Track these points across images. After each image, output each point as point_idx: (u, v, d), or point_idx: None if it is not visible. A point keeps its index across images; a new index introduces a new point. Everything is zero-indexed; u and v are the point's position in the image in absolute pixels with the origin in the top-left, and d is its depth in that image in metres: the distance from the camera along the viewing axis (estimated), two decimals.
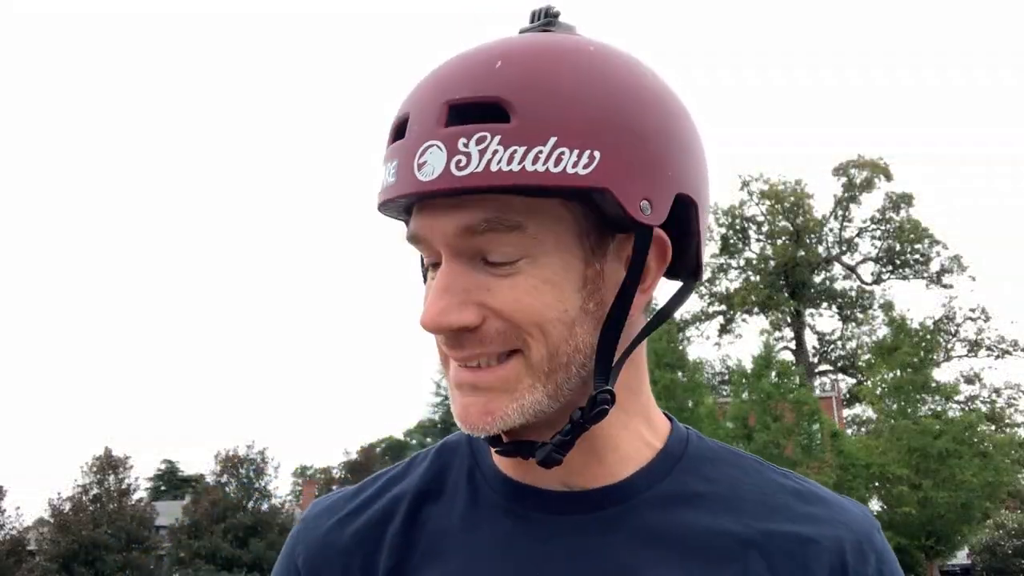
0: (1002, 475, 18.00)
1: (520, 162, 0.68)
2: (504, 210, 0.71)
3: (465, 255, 0.72)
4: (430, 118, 0.71)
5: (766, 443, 17.99)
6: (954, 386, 20.55)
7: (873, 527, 0.81)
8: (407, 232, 0.76)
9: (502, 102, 0.70)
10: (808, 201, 32.74)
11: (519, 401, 0.73)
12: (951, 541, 18.68)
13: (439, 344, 0.76)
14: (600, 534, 0.76)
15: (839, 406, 30.78)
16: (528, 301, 0.72)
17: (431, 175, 0.69)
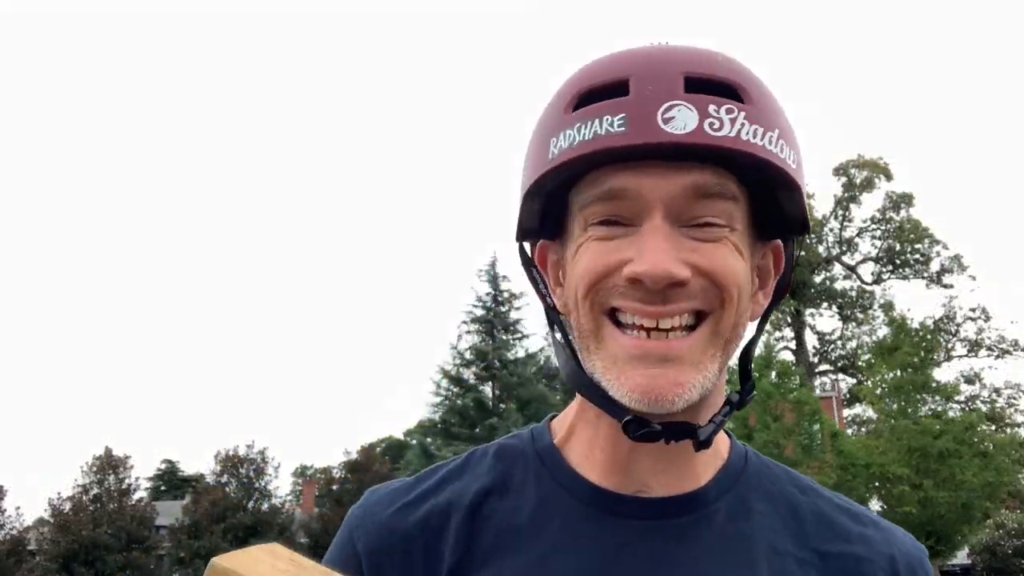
0: (1003, 475, 17.99)
1: (761, 139, 0.74)
2: (725, 179, 0.75)
3: (673, 218, 0.74)
4: (666, 83, 0.74)
5: (766, 443, 17.97)
6: (955, 386, 20.53)
7: (923, 554, 0.84)
8: (603, 189, 0.75)
9: (737, 86, 0.76)
10: (808, 201, 32.62)
11: (703, 373, 0.75)
12: (951, 541, 18.65)
13: (624, 305, 0.75)
14: (674, 541, 0.78)
15: (839, 406, 30.78)
16: (732, 263, 0.75)
17: (683, 129, 0.72)
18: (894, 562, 0.81)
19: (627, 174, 0.74)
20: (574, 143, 0.75)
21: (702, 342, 0.75)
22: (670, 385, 0.73)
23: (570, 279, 0.80)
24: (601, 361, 0.76)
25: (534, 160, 0.80)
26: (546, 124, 0.80)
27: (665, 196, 0.73)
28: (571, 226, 0.81)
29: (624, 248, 0.74)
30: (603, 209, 0.76)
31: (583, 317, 0.77)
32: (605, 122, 0.73)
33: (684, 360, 0.73)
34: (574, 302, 0.78)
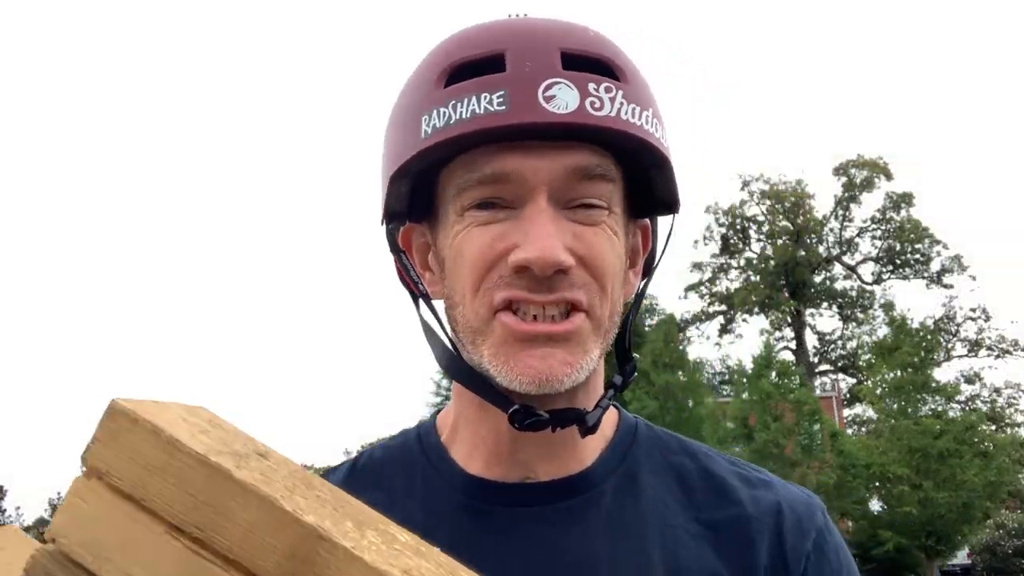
0: (1003, 475, 18.00)
1: (639, 119, 0.73)
2: (605, 161, 0.74)
3: (556, 200, 0.72)
4: (544, 59, 0.72)
5: (766, 443, 17.99)
6: (955, 386, 20.55)
7: (815, 506, 0.82)
8: (484, 173, 0.73)
9: (611, 63, 0.75)
10: (808, 201, 32.76)
11: (589, 355, 0.74)
12: (951, 541, 18.67)
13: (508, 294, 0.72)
14: (561, 524, 0.77)
15: (839, 406, 30.82)
16: (607, 250, 0.74)
17: (565, 109, 0.70)
18: (779, 513, 0.79)
19: (507, 155, 0.71)
20: (450, 122, 0.71)
21: (584, 326, 0.73)
22: (560, 365, 0.71)
23: (453, 271, 0.76)
24: (488, 349, 0.73)
25: (402, 139, 0.76)
26: (414, 100, 0.75)
27: (548, 178, 0.71)
28: (443, 208, 0.78)
29: (508, 233, 0.72)
30: (482, 192, 0.73)
31: (471, 313, 0.74)
32: (483, 100, 0.70)
33: (570, 341, 0.72)
34: (461, 296, 0.75)
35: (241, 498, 0.51)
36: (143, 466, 0.53)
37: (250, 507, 0.51)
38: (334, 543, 0.50)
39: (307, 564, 0.50)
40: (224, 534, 0.51)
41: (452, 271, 0.77)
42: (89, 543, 0.52)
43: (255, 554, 0.51)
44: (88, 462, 0.54)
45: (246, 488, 0.52)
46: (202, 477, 0.52)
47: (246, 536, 0.51)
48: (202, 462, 0.52)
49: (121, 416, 0.53)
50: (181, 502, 0.52)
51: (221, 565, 0.51)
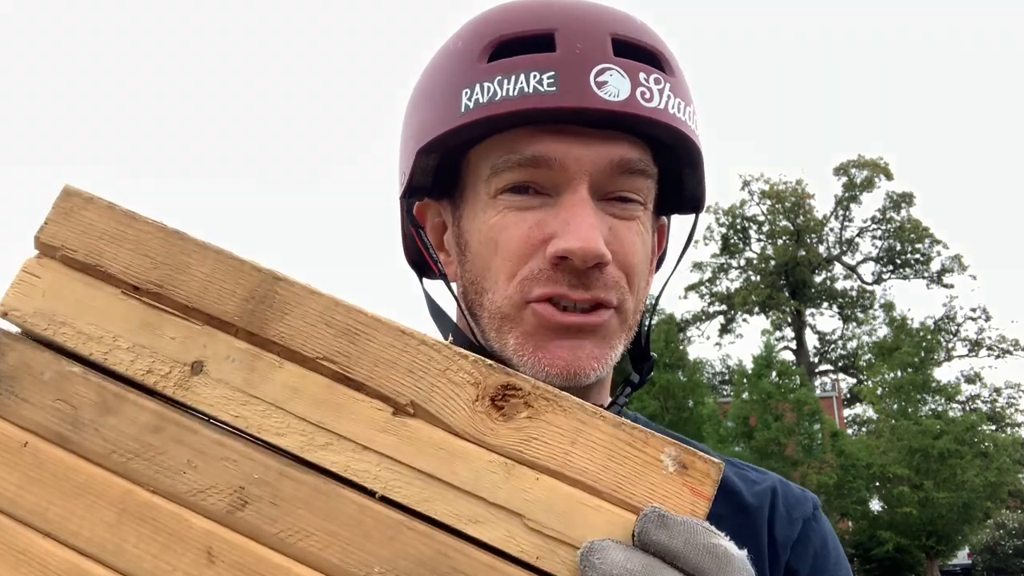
0: (1003, 475, 17.98)
1: (683, 114, 0.72)
2: (646, 156, 0.73)
3: (595, 191, 0.70)
4: (595, 43, 0.70)
5: (767, 443, 17.97)
6: (955, 386, 20.52)
7: (808, 499, 0.82)
8: (525, 155, 0.69)
9: (659, 55, 0.73)
10: (809, 201, 32.74)
11: (614, 350, 0.73)
12: (952, 541, 18.64)
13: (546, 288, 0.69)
14: None
15: (840, 406, 30.78)
16: (640, 248, 0.73)
17: (616, 96, 0.68)
18: (773, 506, 0.80)
19: (551, 139, 0.69)
20: (495, 98, 0.68)
21: (612, 321, 0.72)
22: (587, 358, 0.70)
23: (482, 256, 0.73)
24: (516, 337, 0.71)
25: (435, 112, 0.72)
26: (454, 70, 0.72)
27: (591, 168, 0.69)
28: (471, 189, 0.74)
29: (546, 222, 0.69)
30: (520, 176, 0.70)
31: (502, 300, 0.71)
32: (532, 79, 0.67)
33: (597, 334, 0.71)
34: (492, 282, 0.72)
35: (199, 254, 0.55)
36: (98, 236, 0.55)
37: (208, 260, 0.54)
38: (291, 281, 0.54)
39: (266, 302, 0.53)
40: (183, 287, 0.54)
41: (481, 255, 0.73)
42: (42, 312, 0.54)
43: (215, 300, 0.54)
44: (40, 241, 0.56)
45: (204, 245, 0.55)
46: (159, 240, 0.55)
47: (205, 286, 0.54)
48: (160, 228, 0.55)
49: (75, 196, 0.57)
50: (138, 264, 0.55)
51: (180, 313, 0.54)
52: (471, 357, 0.51)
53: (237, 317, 0.53)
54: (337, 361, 0.52)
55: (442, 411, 0.51)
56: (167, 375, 0.52)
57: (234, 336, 0.53)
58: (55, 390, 0.52)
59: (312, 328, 0.52)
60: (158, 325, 0.54)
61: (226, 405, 0.52)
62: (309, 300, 0.53)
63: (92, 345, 0.53)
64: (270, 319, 0.53)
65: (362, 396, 0.52)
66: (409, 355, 0.52)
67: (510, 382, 0.51)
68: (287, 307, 0.53)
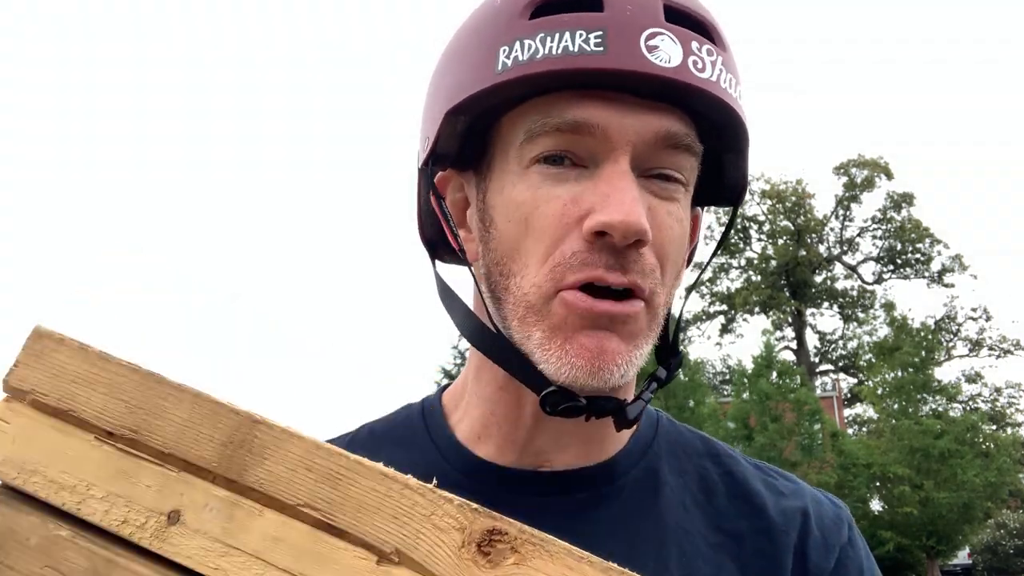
0: (1004, 475, 17.98)
1: (734, 89, 0.68)
2: (693, 133, 0.68)
3: (636, 164, 0.66)
4: (647, 6, 0.65)
5: (765, 444, 17.97)
6: (956, 386, 20.53)
7: (843, 520, 0.77)
8: (565, 120, 0.65)
9: (713, 28, 0.69)
10: (809, 200, 32.75)
11: (641, 349, 0.67)
12: (952, 541, 18.66)
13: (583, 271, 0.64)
14: (575, 517, 0.72)
15: (840, 406, 30.79)
16: (677, 233, 0.69)
17: (668, 62, 0.63)
18: (805, 527, 0.74)
19: (594, 104, 0.64)
20: (537, 56, 0.63)
21: (643, 315, 0.66)
22: (613, 353, 0.64)
23: (511, 234, 0.67)
24: (542, 332, 0.65)
25: (469, 71, 0.67)
26: (491, 28, 0.67)
27: (635, 138, 0.64)
28: (500, 158, 0.69)
29: (583, 196, 0.64)
30: (557, 142, 0.65)
31: (530, 286, 0.66)
32: (579, 37, 0.63)
33: (627, 328, 0.65)
34: (521, 265, 0.67)
35: (175, 397, 0.53)
36: (71, 380, 0.54)
37: (184, 404, 0.53)
38: (270, 424, 0.52)
39: (245, 447, 0.52)
40: (159, 432, 0.53)
41: (509, 234, 0.67)
42: (13, 460, 0.52)
43: (192, 445, 0.52)
44: (9, 384, 0.55)
45: (180, 388, 0.53)
46: (134, 383, 0.54)
47: (181, 431, 0.52)
48: (134, 370, 0.54)
49: (46, 337, 0.55)
50: (113, 409, 0.53)
51: (156, 460, 0.52)
52: (456, 501, 0.50)
53: (215, 463, 0.52)
54: (319, 508, 0.50)
55: (428, 559, 0.49)
56: (143, 525, 0.51)
57: (212, 483, 0.52)
58: (43, 556, 0.50)
59: (292, 473, 0.51)
60: (134, 472, 0.52)
61: (205, 557, 0.50)
62: (289, 444, 0.52)
63: (65, 495, 0.51)
64: (249, 464, 0.51)
65: (345, 544, 0.50)
66: (393, 500, 0.50)
67: (496, 527, 0.49)
68: (266, 451, 0.52)
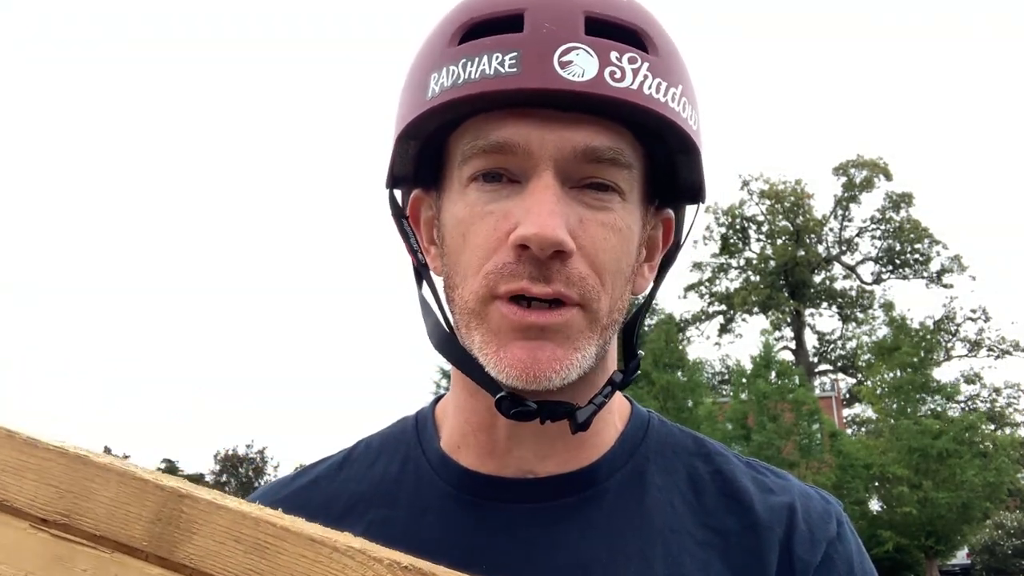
0: (1003, 475, 17.98)
1: (664, 95, 0.68)
2: (623, 145, 0.69)
3: (564, 177, 0.68)
4: (565, 22, 0.66)
5: (763, 444, 17.96)
6: (955, 386, 20.54)
7: (831, 514, 0.77)
8: (490, 140, 0.68)
9: (642, 33, 0.70)
10: (808, 201, 32.76)
11: (581, 352, 0.69)
12: (951, 541, 18.65)
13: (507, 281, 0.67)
14: (554, 524, 0.73)
15: (839, 406, 30.81)
16: (614, 243, 0.69)
17: (581, 76, 0.65)
18: (791, 522, 0.74)
19: (516, 123, 0.67)
20: (458, 82, 0.67)
21: (579, 319, 0.68)
22: (548, 360, 0.67)
23: (454, 249, 0.72)
24: (481, 335, 0.69)
25: (410, 98, 0.72)
26: (426, 57, 0.71)
27: (556, 154, 0.67)
28: (448, 178, 0.73)
29: (511, 212, 0.67)
30: (487, 163, 0.68)
31: (468, 295, 0.69)
32: (494, 60, 0.65)
33: (561, 334, 0.67)
34: (461, 277, 0.71)
35: (102, 478, 0.53)
36: (1, 469, 0.54)
37: (111, 484, 0.53)
38: (196, 498, 0.52)
39: (173, 523, 0.52)
40: (89, 514, 0.53)
41: (454, 248, 0.72)
42: None
43: (122, 525, 0.52)
44: None
45: (107, 468, 0.54)
46: (61, 467, 0.54)
47: (111, 512, 0.53)
48: (61, 453, 0.54)
49: None
50: (44, 495, 0.54)
51: (89, 543, 0.53)
52: (385, 561, 0.50)
53: (145, 542, 0.52)
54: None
55: None
56: None
57: (145, 561, 0.52)
58: None
59: (221, 546, 0.51)
60: (69, 558, 0.52)
61: None
62: (215, 516, 0.52)
63: None
64: (179, 541, 0.51)
65: None
66: (322, 565, 0.50)
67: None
68: (194, 526, 0.52)
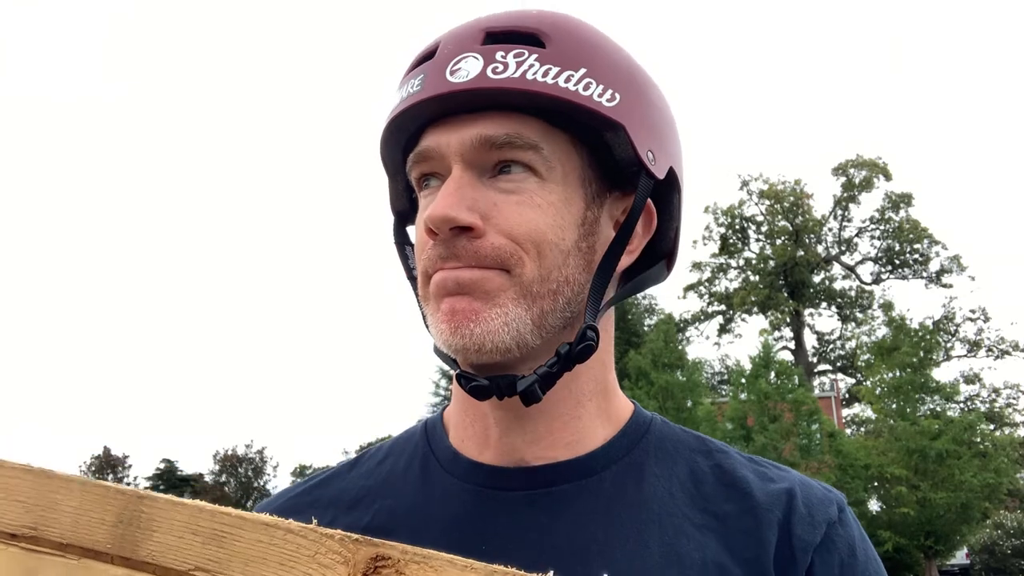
0: (1002, 476, 17.98)
1: (554, 78, 0.72)
2: (523, 129, 0.73)
3: (477, 169, 0.73)
4: (465, 40, 0.74)
5: (763, 445, 17.95)
6: (954, 386, 20.52)
7: (831, 499, 0.78)
8: (415, 152, 0.76)
9: (540, 34, 0.74)
10: (807, 201, 32.77)
11: (504, 310, 0.71)
12: (950, 541, 18.65)
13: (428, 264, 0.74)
14: (552, 508, 0.75)
15: (838, 406, 30.82)
16: (532, 216, 0.73)
17: (465, 78, 0.71)
18: (790, 504, 0.76)
19: (433, 133, 0.75)
20: (393, 107, 0.77)
21: (500, 281, 0.72)
22: (466, 311, 0.71)
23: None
24: (428, 310, 0.76)
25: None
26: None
27: (459, 149, 0.73)
28: None
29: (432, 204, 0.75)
30: (420, 170, 0.77)
31: (422, 287, 0.77)
32: (410, 85, 0.75)
33: (478, 289, 0.71)
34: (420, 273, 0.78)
35: (65, 489, 0.56)
36: None
37: (74, 494, 0.56)
38: (154, 497, 0.55)
39: (134, 523, 0.54)
40: (55, 525, 0.55)
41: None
42: None
43: (86, 532, 0.55)
44: None
45: (69, 479, 0.57)
46: (27, 484, 0.57)
47: (76, 520, 0.55)
48: (26, 470, 0.57)
49: None
50: (12, 511, 0.56)
51: (57, 552, 0.55)
52: (337, 536, 0.52)
53: (109, 544, 0.54)
54: (209, 569, 0.53)
55: None
56: None
57: (110, 563, 0.54)
58: None
59: (180, 540, 0.54)
60: (38, 569, 0.54)
61: None
62: (173, 512, 0.54)
63: None
64: (140, 540, 0.54)
65: None
66: (277, 547, 0.52)
67: (379, 552, 0.51)
68: (154, 524, 0.54)
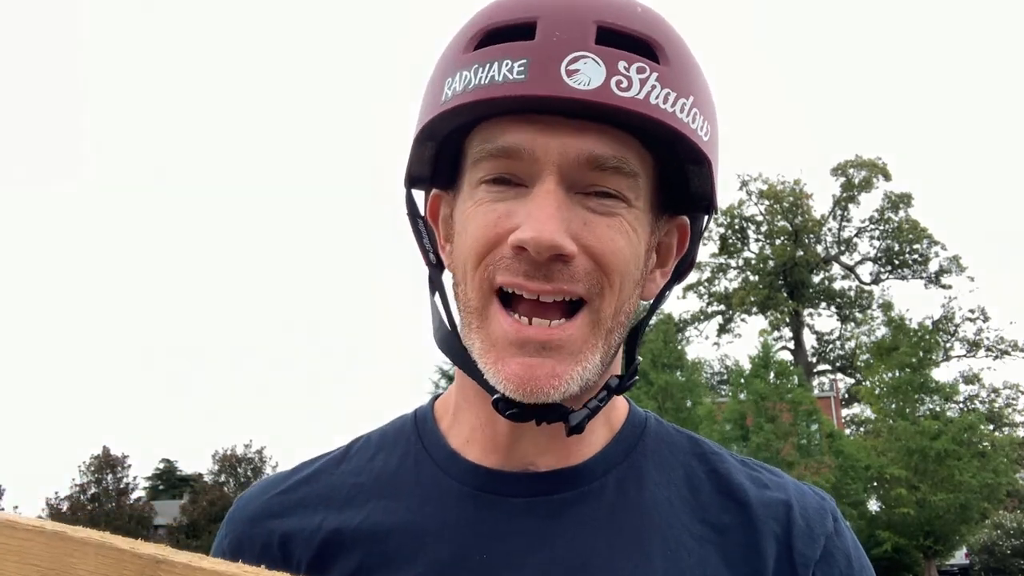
0: (1001, 476, 17.97)
1: (672, 105, 0.69)
2: (628, 153, 0.71)
3: (568, 183, 0.69)
4: (576, 31, 0.67)
5: (761, 444, 17.94)
6: (954, 387, 20.51)
7: (827, 510, 0.79)
8: (497, 145, 0.70)
9: (654, 43, 0.70)
10: (807, 201, 32.76)
11: (583, 364, 0.70)
12: (949, 541, 18.64)
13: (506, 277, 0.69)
14: (555, 517, 0.74)
15: (838, 406, 30.82)
16: (621, 244, 0.70)
17: (587, 85, 0.66)
18: (789, 518, 0.76)
19: (522, 130, 0.69)
20: (468, 87, 0.69)
21: (583, 331, 0.70)
22: (547, 376, 0.68)
23: (459, 247, 0.75)
24: (480, 342, 0.71)
25: (427, 101, 0.74)
26: (444, 63, 0.73)
27: (560, 160, 0.68)
28: (462, 179, 0.76)
29: (514, 212, 0.69)
30: (495, 166, 0.70)
31: (471, 292, 0.72)
32: (504, 67, 0.67)
33: (564, 350, 0.69)
34: (462, 274, 0.73)
35: (80, 552, 0.55)
36: None
37: (89, 557, 0.54)
38: (172, 562, 0.53)
39: None
40: None
41: (461, 246, 0.74)
42: None
43: None
44: None
45: (84, 541, 0.55)
46: (41, 546, 0.55)
47: None
48: (39, 531, 0.56)
49: None
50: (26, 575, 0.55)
51: None
52: None
53: None
54: None
55: None
56: None
57: None
58: None
59: None
60: None
61: None
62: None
63: None
64: None
65: None
66: None
67: None
68: None
